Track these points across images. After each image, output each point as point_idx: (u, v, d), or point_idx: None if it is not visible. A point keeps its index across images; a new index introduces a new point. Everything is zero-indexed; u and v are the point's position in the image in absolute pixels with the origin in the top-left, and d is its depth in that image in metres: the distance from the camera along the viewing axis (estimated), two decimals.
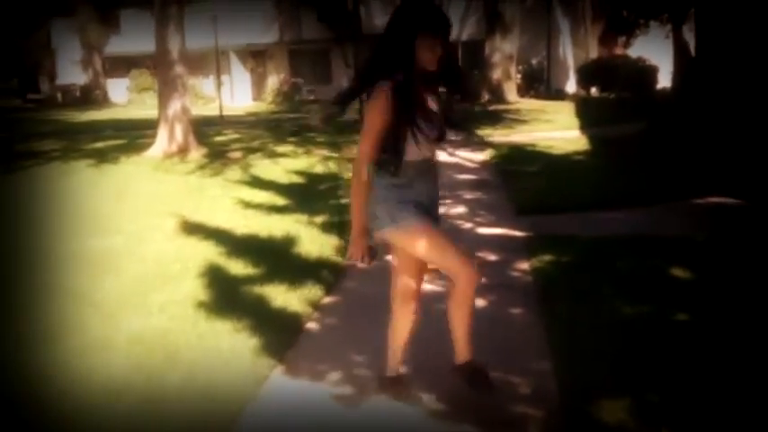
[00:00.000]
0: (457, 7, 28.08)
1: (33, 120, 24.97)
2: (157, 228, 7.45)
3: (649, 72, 23.49)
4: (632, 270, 5.28)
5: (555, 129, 16.13)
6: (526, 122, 17.63)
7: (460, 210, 7.80)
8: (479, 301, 4.45)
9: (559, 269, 5.43)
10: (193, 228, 7.28)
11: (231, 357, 3.98)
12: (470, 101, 4.31)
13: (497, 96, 24.42)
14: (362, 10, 30.18)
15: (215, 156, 13.45)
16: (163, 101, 13.98)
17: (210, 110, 24.88)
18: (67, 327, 4.58)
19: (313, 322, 4.65)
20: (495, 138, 14.55)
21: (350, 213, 3.15)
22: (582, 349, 3.85)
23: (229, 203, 8.69)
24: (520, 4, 26.55)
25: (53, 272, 5.93)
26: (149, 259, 6.22)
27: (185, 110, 14.00)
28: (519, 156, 11.92)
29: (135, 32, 30.11)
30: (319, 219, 7.41)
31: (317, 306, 4.91)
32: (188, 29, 14.31)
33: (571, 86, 27.75)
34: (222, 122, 20.62)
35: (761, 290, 4.68)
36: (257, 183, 10.35)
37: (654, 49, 23.34)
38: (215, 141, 15.68)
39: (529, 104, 23.37)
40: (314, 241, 6.51)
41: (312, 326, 4.60)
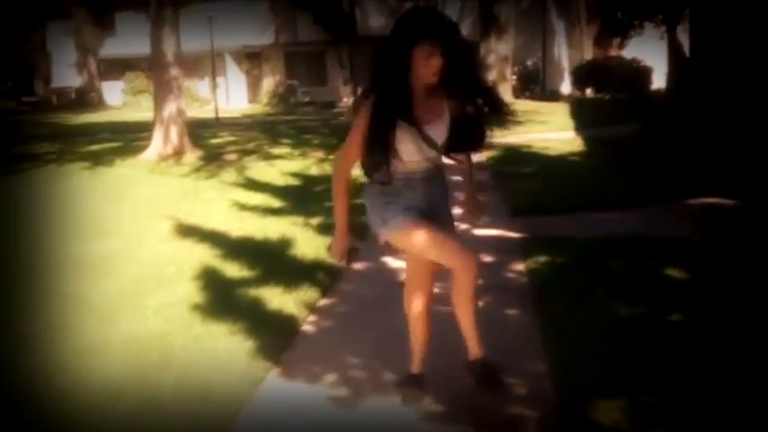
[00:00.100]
0: (452, 9, 28.10)
1: (28, 122, 24.89)
2: (153, 230, 7.44)
3: (644, 73, 23.53)
4: (627, 271, 5.29)
5: (550, 130, 16.16)
6: (521, 123, 17.63)
7: (455, 212, 7.77)
8: None
9: (555, 270, 5.44)
10: (189, 230, 7.27)
11: (227, 360, 3.98)
12: (499, 112, 4.05)
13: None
14: (358, 12, 30.21)
15: (210, 158, 13.44)
16: (158, 103, 13.96)
17: (206, 112, 24.85)
18: (63, 329, 4.57)
19: (309, 324, 4.65)
20: (490, 139, 14.52)
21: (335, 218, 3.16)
22: (577, 350, 3.85)
23: (225, 206, 8.68)
24: (515, 6, 26.62)
25: (49, 275, 5.91)
26: (145, 262, 6.21)
27: (180, 112, 13.99)
28: (514, 157, 11.93)
29: (130, 35, 30.03)
30: (315, 221, 7.40)
31: (313, 308, 4.91)
32: (183, 31, 14.29)
33: (566, 87, 27.80)
34: (218, 125, 20.60)
35: (756, 290, 4.69)
36: (253, 185, 10.35)
37: (648, 51, 23.38)
38: (210, 143, 15.66)
39: (524, 105, 23.36)
40: (310, 243, 6.51)
41: (308, 328, 4.60)
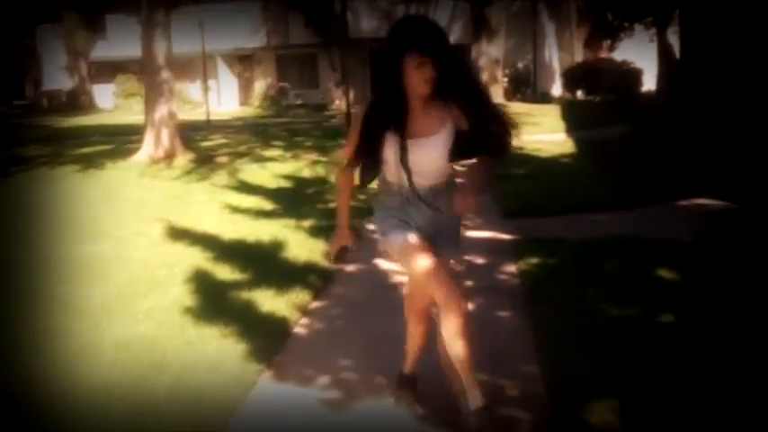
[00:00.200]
0: (443, 11, 28.17)
1: (19, 125, 24.77)
2: (144, 233, 7.42)
3: (634, 75, 23.60)
4: (618, 272, 5.31)
5: (541, 132, 16.20)
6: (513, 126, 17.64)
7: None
8: None
9: (546, 272, 5.45)
10: (180, 233, 7.25)
11: (219, 363, 3.97)
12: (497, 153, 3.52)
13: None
14: (350, 14, 30.21)
15: (202, 161, 13.41)
16: (149, 106, 13.93)
17: (197, 115, 24.79)
18: (54, 333, 4.55)
19: (301, 327, 4.65)
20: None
21: (336, 216, 3.18)
22: (569, 351, 3.86)
23: (216, 208, 8.66)
24: (506, 9, 26.69)
25: (40, 278, 5.88)
26: (136, 265, 6.18)
27: (172, 115, 13.96)
28: (506, 158, 11.92)
29: (121, 37, 29.92)
30: (307, 223, 7.40)
31: (305, 311, 4.91)
32: (174, 34, 14.27)
33: (557, 90, 27.89)
34: (209, 127, 20.55)
35: (747, 291, 4.71)
36: (244, 187, 10.33)
37: (639, 53, 23.42)
38: (202, 146, 15.63)
39: (515, 108, 23.38)
40: (302, 246, 6.50)
41: (300, 331, 4.60)
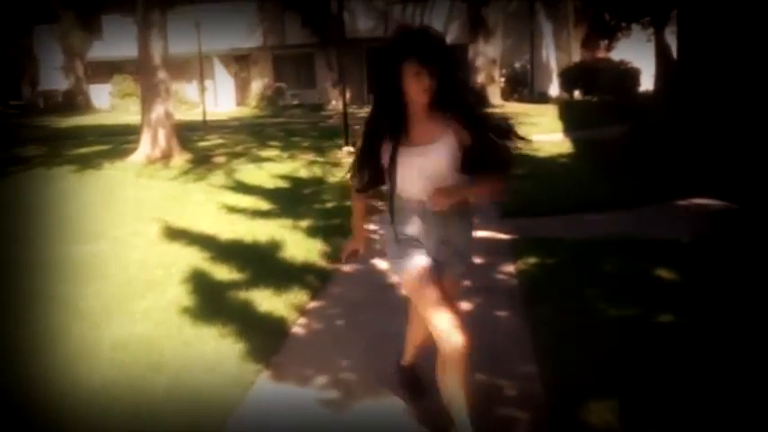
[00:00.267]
0: (440, 11, 28.18)
1: (15, 126, 24.72)
2: (141, 234, 7.40)
3: (632, 75, 23.60)
4: (617, 272, 5.30)
5: (539, 132, 16.15)
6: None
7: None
8: (464, 305, 4.47)
9: (545, 271, 5.44)
10: (177, 233, 7.23)
11: (217, 363, 3.96)
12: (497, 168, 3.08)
13: (481, 100, 24.57)
14: (346, 14, 30.19)
15: (199, 161, 13.39)
16: (146, 106, 13.91)
17: (194, 115, 24.74)
18: (51, 334, 4.53)
19: (299, 327, 4.64)
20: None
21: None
22: (568, 351, 3.86)
23: (213, 208, 8.65)
24: (503, 9, 26.69)
25: (37, 278, 5.87)
26: (133, 265, 6.17)
27: (168, 115, 13.93)
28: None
29: (117, 38, 29.86)
30: (304, 223, 7.37)
31: (303, 311, 4.89)
32: (171, 34, 14.24)
33: (554, 90, 27.87)
34: (206, 127, 20.51)
35: (746, 291, 4.71)
36: (241, 188, 10.31)
37: (636, 52, 23.42)
38: (199, 146, 15.60)
39: (513, 108, 23.44)
40: (299, 246, 6.49)
41: (298, 330, 4.59)
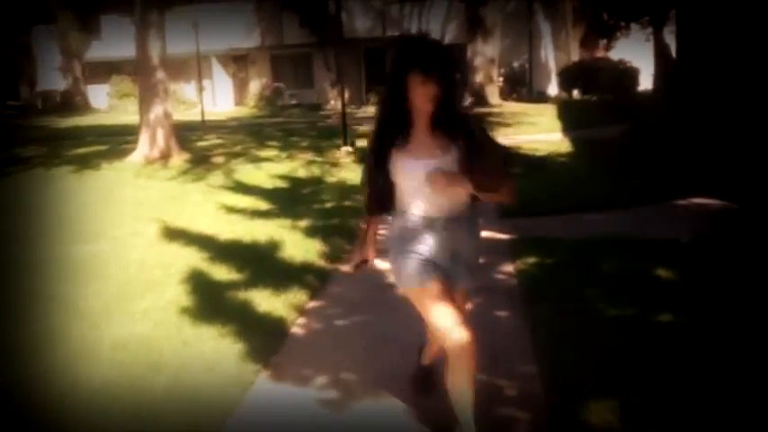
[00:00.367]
0: (438, 11, 28.20)
1: (14, 126, 24.69)
2: (140, 234, 7.39)
3: (630, 74, 23.59)
4: (616, 271, 5.30)
5: (538, 131, 16.20)
6: (509, 125, 17.66)
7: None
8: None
9: (544, 271, 5.44)
10: (176, 233, 7.23)
11: (216, 363, 3.95)
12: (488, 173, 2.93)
13: (480, 100, 24.58)
14: (344, 14, 30.19)
15: (197, 161, 13.38)
16: (144, 106, 13.90)
17: (192, 115, 24.74)
18: (51, 334, 4.52)
19: (298, 327, 4.63)
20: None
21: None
22: (567, 351, 3.85)
23: (212, 208, 8.64)
24: (501, 8, 26.69)
25: (37, 278, 5.86)
26: (132, 265, 6.16)
27: (167, 115, 13.92)
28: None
29: (116, 38, 29.83)
30: (303, 223, 7.36)
31: (302, 311, 4.89)
32: (169, 34, 14.24)
33: (553, 89, 27.87)
34: (204, 127, 20.50)
35: (746, 290, 4.70)
36: (240, 188, 10.30)
37: (635, 52, 23.42)
38: (197, 146, 15.59)
39: (511, 107, 23.47)
40: (298, 246, 6.48)
41: (297, 330, 4.58)
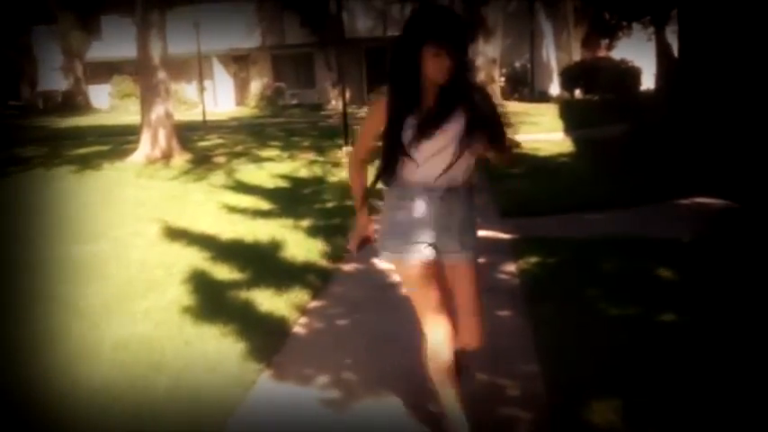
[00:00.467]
0: None
1: (15, 126, 24.71)
2: (142, 234, 7.39)
3: (632, 74, 23.59)
4: (618, 271, 5.29)
5: (540, 131, 16.18)
6: (511, 125, 17.64)
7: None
8: None
9: (546, 271, 5.43)
10: (178, 233, 7.23)
11: (218, 362, 3.95)
12: (498, 147, 3.06)
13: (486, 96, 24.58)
14: (345, 14, 30.19)
15: (199, 161, 13.39)
16: (145, 106, 13.91)
17: (193, 115, 24.75)
18: (51, 334, 4.52)
19: (300, 326, 4.63)
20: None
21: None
22: (569, 350, 3.85)
23: (214, 208, 8.64)
24: (502, 8, 26.69)
25: (38, 278, 5.86)
26: (134, 265, 6.16)
27: (168, 115, 13.93)
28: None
29: (117, 38, 29.84)
30: (305, 223, 7.36)
31: (304, 310, 4.88)
32: (170, 34, 14.24)
33: (555, 89, 27.86)
34: (205, 127, 20.52)
35: (747, 290, 4.70)
36: (242, 187, 10.31)
37: (637, 51, 23.41)
38: (199, 146, 15.60)
39: (513, 107, 23.44)
40: (300, 245, 6.48)
41: (299, 330, 4.58)
